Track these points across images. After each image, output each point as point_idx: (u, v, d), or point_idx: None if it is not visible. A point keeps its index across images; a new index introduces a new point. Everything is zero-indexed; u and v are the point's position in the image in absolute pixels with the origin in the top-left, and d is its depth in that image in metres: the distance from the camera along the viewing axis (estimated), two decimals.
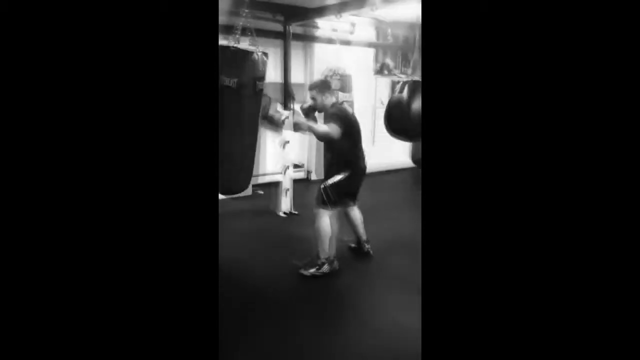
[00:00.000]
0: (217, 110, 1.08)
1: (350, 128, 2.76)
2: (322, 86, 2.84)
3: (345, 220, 3.12)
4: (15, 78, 0.86)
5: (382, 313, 2.45)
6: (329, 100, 2.80)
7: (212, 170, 1.02)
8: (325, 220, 2.79)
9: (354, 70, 5.25)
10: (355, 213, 3.12)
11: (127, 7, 0.90)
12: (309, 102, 2.86)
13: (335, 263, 2.89)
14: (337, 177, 2.77)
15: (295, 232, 3.74)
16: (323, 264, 2.82)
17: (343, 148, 2.76)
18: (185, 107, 0.96)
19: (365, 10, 3.75)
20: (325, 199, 2.77)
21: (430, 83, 0.97)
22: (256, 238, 3.65)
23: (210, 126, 1.00)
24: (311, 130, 2.68)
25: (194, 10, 0.94)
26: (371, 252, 3.18)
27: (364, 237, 3.16)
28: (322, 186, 2.80)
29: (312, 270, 2.81)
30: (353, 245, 3.24)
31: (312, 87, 2.87)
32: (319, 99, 2.78)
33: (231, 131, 2.48)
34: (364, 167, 2.93)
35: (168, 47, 0.93)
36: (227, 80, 2.40)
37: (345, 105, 2.89)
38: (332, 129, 2.63)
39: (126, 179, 0.92)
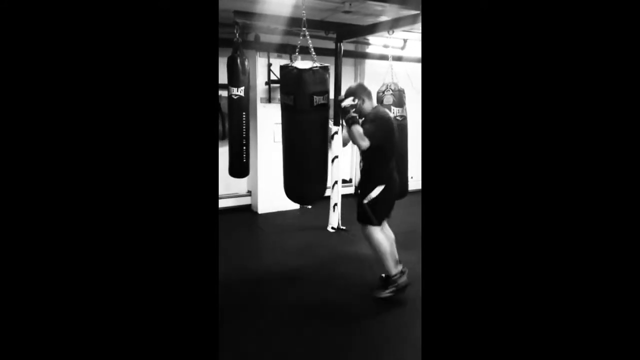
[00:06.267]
0: (217, 115, 1.10)
1: (385, 137, 2.63)
2: (359, 91, 2.69)
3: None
4: (14, 81, 0.86)
5: None
6: (367, 105, 2.69)
7: (212, 173, 1.02)
8: (379, 236, 2.67)
9: (405, 85, 5.22)
10: (386, 231, 2.87)
11: (127, 9, 0.91)
12: (348, 102, 2.60)
13: (406, 276, 2.72)
14: (376, 191, 2.64)
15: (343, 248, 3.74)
16: (395, 280, 2.67)
17: (377, 159, 2.65)
18: (185, 110, 0.96)
19: (418, 25, 3.74)
20: (370, 215, 2.65)
21: (429, 92, 0.98)
22: (304, 254, 3.67)
23: (210, 131, 0.99)
24: (352, 134, 2.53)
25: (195, 11, 0.94)
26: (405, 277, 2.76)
27: (395, 256, 2.81)
28: (364, 202, 2.66)
29: (388, 291, 2.67)
30: (384, 275, 2.85)
31: (349, 93, 2.68)
32: (357, 104, 2.63)
33: (315, 144, 2.58)
34: (397, 179, 2.77)
35: (168, 51, 0.93)
36: (320, 99, 2.46)
37: (383, 109, 2.79)
38: (365, 139, 2.50)
39: (126, 183, 0.93)
